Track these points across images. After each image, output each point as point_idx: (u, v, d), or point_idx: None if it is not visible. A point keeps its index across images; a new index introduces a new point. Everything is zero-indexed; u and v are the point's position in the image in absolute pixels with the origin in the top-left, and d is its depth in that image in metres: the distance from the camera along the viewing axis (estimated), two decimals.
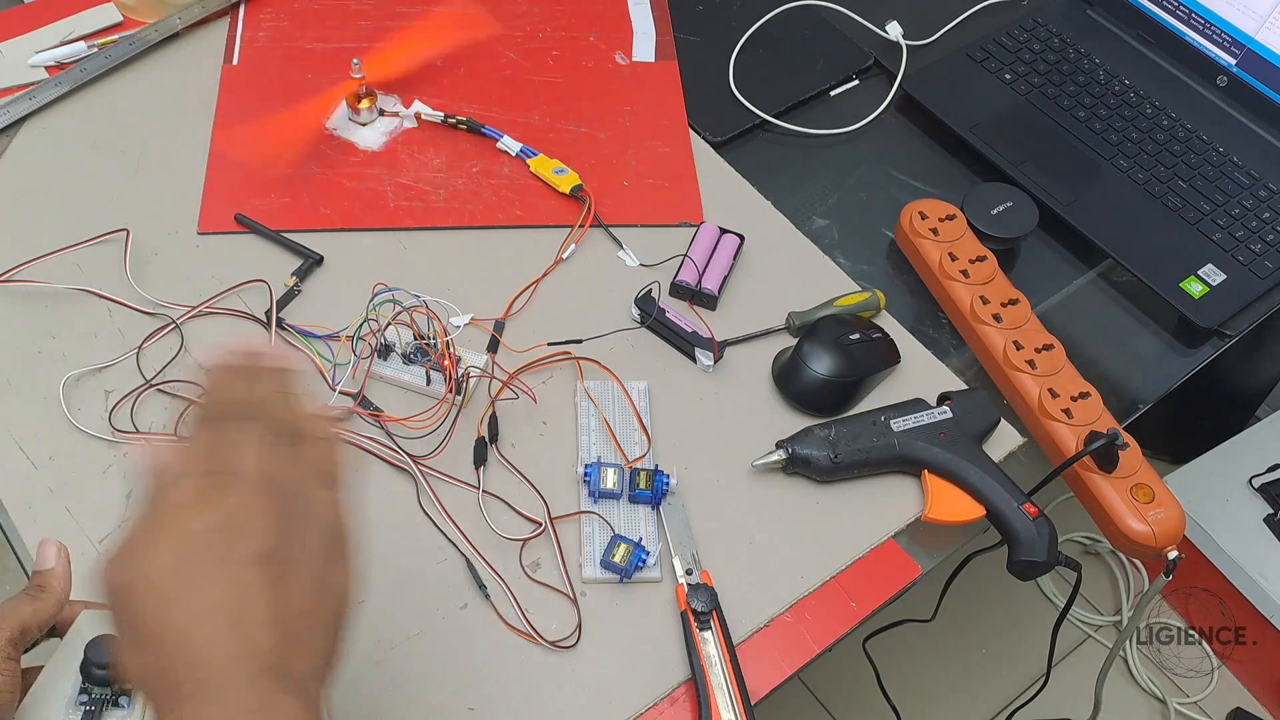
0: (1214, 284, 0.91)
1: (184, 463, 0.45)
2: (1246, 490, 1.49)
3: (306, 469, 0.46)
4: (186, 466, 0.44)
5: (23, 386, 0.79)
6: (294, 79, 1.00)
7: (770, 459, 0.78)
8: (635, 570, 0.72)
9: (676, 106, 1.01)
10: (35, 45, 1.00)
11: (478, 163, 0.95)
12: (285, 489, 0.45)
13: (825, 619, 0.73)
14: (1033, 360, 0.83)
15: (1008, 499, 0.75)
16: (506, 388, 0.80)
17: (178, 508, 0.43)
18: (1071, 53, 1.07)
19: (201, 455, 0.45)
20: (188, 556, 0.42)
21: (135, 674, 0.42)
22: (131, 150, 0.94)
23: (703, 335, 0.84)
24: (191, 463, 0.45)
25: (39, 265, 0.85)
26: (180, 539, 0.42)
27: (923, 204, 0.92)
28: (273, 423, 0.46)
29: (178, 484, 0.44)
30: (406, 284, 0.78)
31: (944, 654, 1.57)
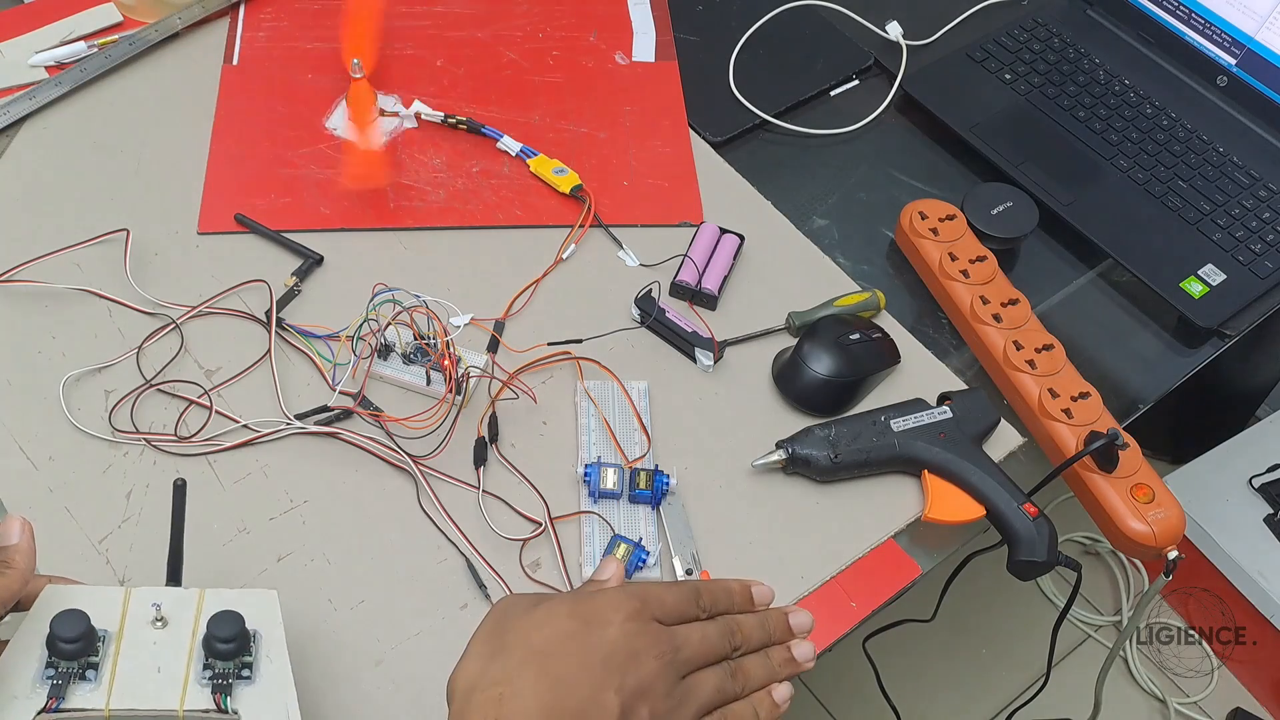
0: (1214, 284, 0.91)
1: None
2: (1246, 490, 1.49)
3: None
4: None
5: (23, 386, 0.79)
6: (294, 79, 1.00)
7: (770, 459, 0.78)
8: (635, 570, 0.72)
9: (676, 106, 1.01)
10: (35, 45, 1.00)
11: (478, 163, 0.95)
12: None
13: (825, 619, 0.73)
14: (1033, 360, 0.83)
15: (1008, 499, 0.75)
16: (506, 388, 0.80)
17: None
18: (1071, 53, 1.07)
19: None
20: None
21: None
22: (131, 150, 0.94)
23: (703, 335, 0.84)
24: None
25: (39, 265, 0.85)
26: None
27: (923, 204, 0.92)
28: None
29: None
30: (406, 284, 0.78)
31: (944, 654, 1.57)
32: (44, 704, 0.52)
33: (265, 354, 0.82)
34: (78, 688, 0.53)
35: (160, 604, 0.56)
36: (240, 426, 0.78)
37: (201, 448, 0.77)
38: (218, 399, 0.79)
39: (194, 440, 0.77)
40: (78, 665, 0.53)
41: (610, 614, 0.54)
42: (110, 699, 0.53)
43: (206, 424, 0.78)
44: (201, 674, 0.54)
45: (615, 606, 0.55)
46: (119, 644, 0.55)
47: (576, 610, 0.55)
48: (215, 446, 0.77)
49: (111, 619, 0.55)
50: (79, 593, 0.57)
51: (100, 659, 0.54)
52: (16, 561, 0.55)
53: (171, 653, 0.55)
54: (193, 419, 0.78)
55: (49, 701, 0.52)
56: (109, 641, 0.55)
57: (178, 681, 0.54)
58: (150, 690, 0.53)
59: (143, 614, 0.56)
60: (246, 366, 0.81)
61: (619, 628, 0.54)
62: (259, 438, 0.77)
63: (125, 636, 0.55)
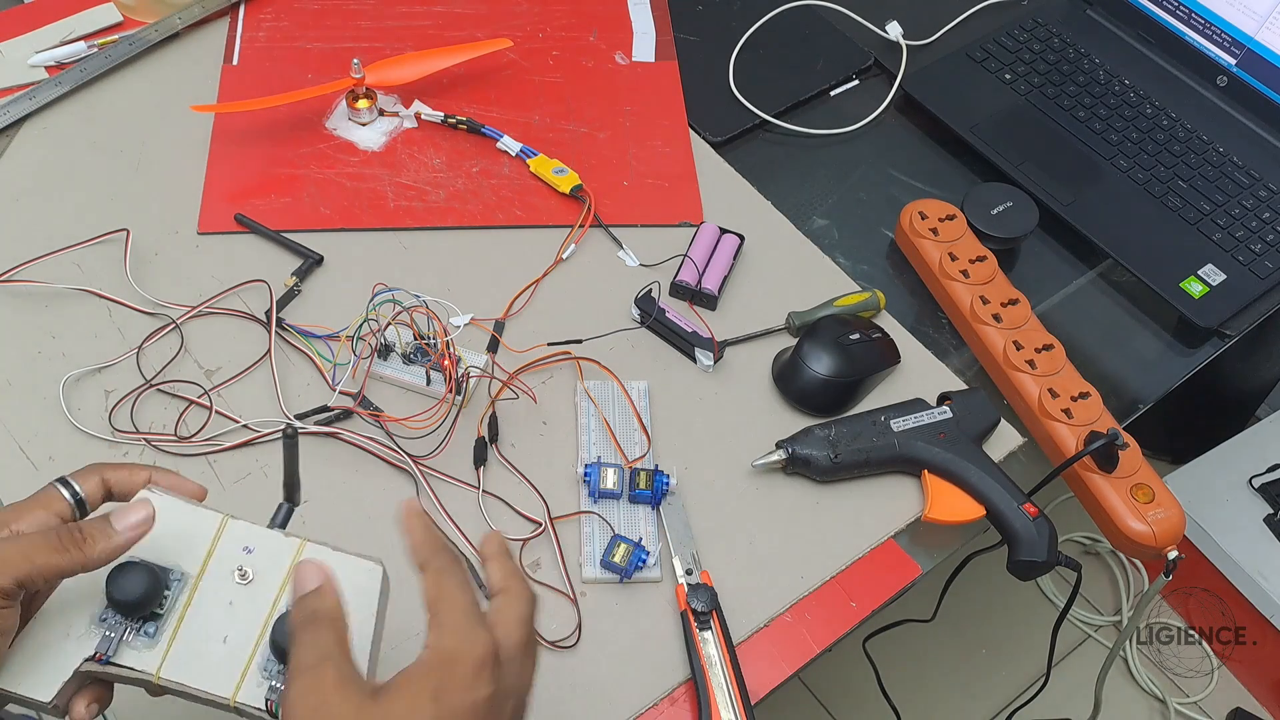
0: (1214, 284, 0.91)
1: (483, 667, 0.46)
2: (1246, 490, 1.49)
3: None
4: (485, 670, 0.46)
5: (23, 386, 0.79)
6: (294, 79, 1.00)
7: (770, 459, 0.78)
8: (635, 570, 0.72)
9: (676, 106, 1.01)
10: (35, 45, 1.00)
11: (478, 163, 0.95)
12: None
13: (825, 619, 0.73)
14: (1033, 360, 0.83)
15: (1008, 499, 0.75)
16: (506, 388, 0.80)
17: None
18: (1071, 53, 1.07)
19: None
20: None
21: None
22: (131, 150, 0.94)
23: (703, 335, 0.84)
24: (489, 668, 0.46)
25: (39, 265, 0.85)
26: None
27: (923, 204, 0.92)
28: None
29: (473, 685, 0.45)
30: (406, 284, 0.78)
31: (944, 654, 1.57)
32: (93, 653, 0.49)
33: (265, 354, 0.82)
34: (133, 641, 0.49)
35: (252, 548, 0.52)
36: (240, 426, 0.78)
37: (201, 448, 0.77)
38: (218, 399, 0.79)
39: (194, 440, 0.77)
40: (137, 620, 0.50)
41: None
42: (163, 665, 0.49)
43: (206, 424, 0.78)
44: (265, 664, 0.49)
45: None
46: (191, 597, 0.50)
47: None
48: (215, 446, 0.77)
49: (195, 554, 0.51)
50: (171, 508, 0.52)
51: (165, 612, 0.50)
52: (97, 547, 0.49)
53: (244, 621, 0.50)
54: (193, 419, 0.78)
55: (96, 654, 0.49)
56: (181, 590, 0.50)
57: (239, 663, 0.49)
58: (208, 666, 0.49)
59: (229, 557, 0.51)
60: (246, 366, 0.81)
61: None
62: (259, 438, 0.77)
63: (201, 589, 0.51)
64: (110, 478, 0.53)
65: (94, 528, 0.49)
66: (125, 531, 0.49)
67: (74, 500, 0.52)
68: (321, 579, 0.48)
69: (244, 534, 0.52)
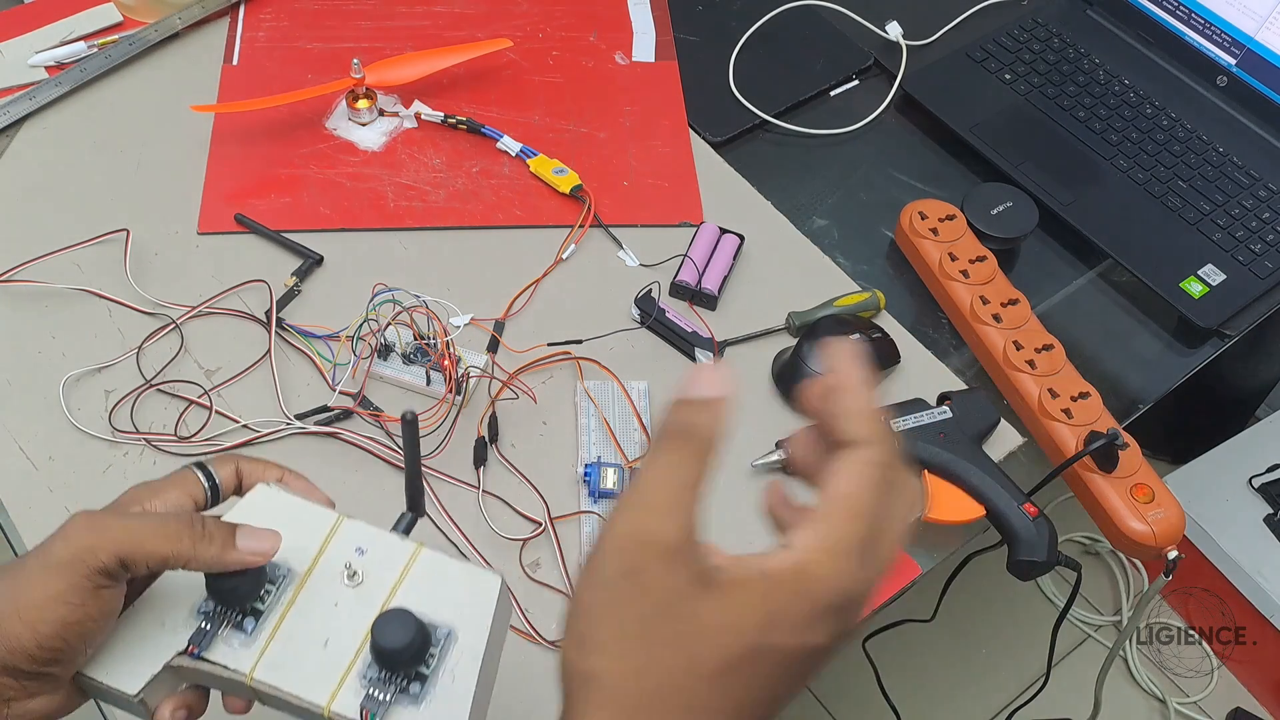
0: (1214, 284, 0.91)
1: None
2: (1246, 490, 1.49)
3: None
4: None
5: (23, 386, 0.79)
6: (294, 79, 1.00)
7: (770, 459, 0.78)
8: None
9: (676, 106, 1.01)
10: (35, 45, 1.00)
11: (478, 163, 0.95)
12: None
13: None
14: (1033, 360, 0.83)
15: (1008, 499, 0.75)
16: (506, 388, 0.80)
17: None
18: (1071, 53, 1.07)
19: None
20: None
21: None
22: (131, 150, 0.94)
23: (703, 335, 0.84)
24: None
25: (39, 265, 0.85)
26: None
27: (923, 204, 0.92)
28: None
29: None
30: (406, 284, 0.78)
31: (944, 654, 1.57)
32: (185, 646, 0.46)
33: (265, 354, 0.82)
34: (229, 637, 0.46)
35: (365, 549, 0.48)
36: (240, 426, 0.78)
37: (201, 448, 0.77)
38: (218, 399, 0.79)
39: (194, 440, 0.77)
40: (235, 614, 0.47)
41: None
42: (258, 665, 0.46)
43: (206, 424, 0.78)
44: (365, 670, 0.45)
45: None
46: (296, 595, 0.47)
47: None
48: (215, 446, 0.77)
49: (306, 552, 0.48)
50: (289, 503, 0.50)
51: (266, 608, 0.47)
52: (214, 547, 0.45)
53: (348, 624, 0.46)
54: (193, 419, 0.78)
55: (189, 646, 0.46)
56: (285, 586, 0.47)
57: (338, 669, 0.45)
58: (305, 670, 0.46)
59: (341, 556, 0.48)
60: (246, 366, 0.81)
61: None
62: (259, 438, 0.77)
63: (307, 587, 0.47)
64: (245, 469, 0.52)
65: (217, 531, 0.46)
66: (244, 552, 0.46)
67: (209, 485, 0.51)
68: (722, 389, 0.38)
69: (359, 534, 0.49)
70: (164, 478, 0.50)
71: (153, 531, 0.45)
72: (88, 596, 0.44)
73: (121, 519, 0.45)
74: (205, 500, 0.51)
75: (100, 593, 0.44)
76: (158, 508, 0.48)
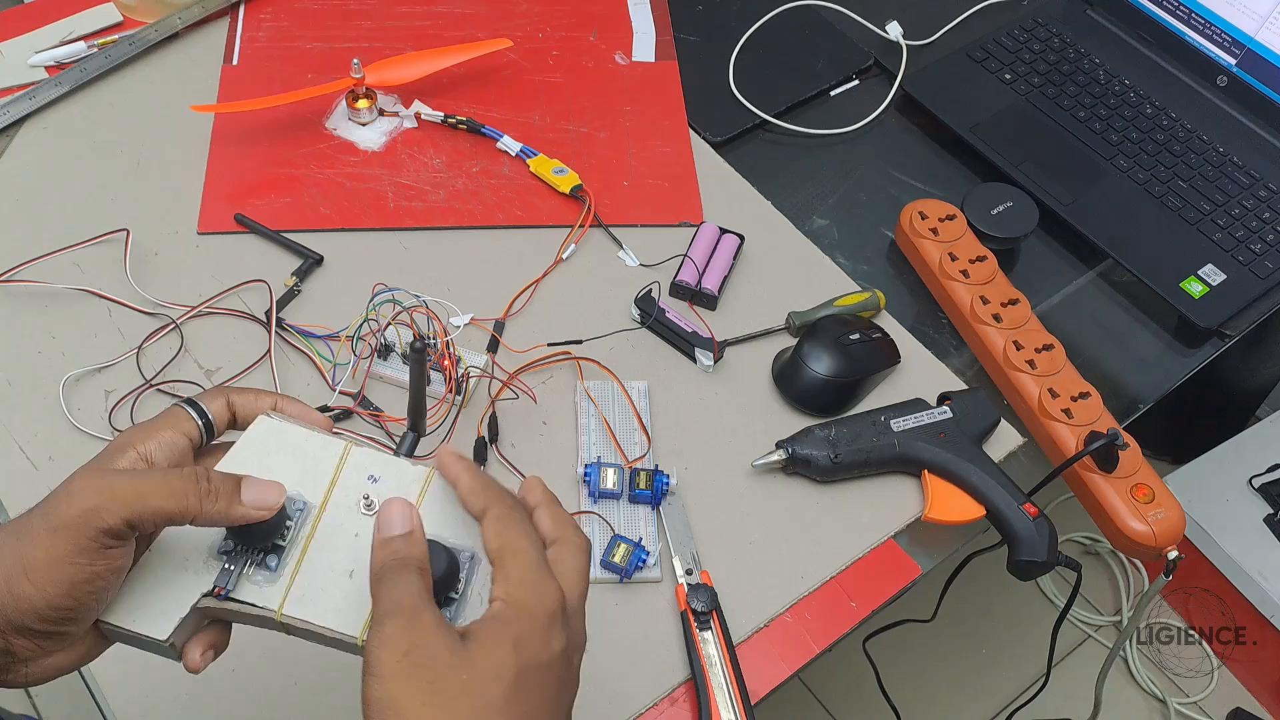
0: (1214, 284, 0.91)
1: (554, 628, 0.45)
2: (1246, 490, 1.49)
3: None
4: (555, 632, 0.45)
5: (23, 386, 0.79)
6: (294, 79, 1.00)
7: (770, 459, 0.78)
8: (635, 570, 0.72)
9: (676, 106, 1.01)
10: (35, 45, 1.00)
11: (478, 163, 0.95)
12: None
13: (825, 619, 0.73)
14: (1033, 360, 0.83)
15: (1008, 499, 0.75)
16: (506, 388, 0.80)
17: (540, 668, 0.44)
18: (1071, 53, 1.07)
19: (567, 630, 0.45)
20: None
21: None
22: (131, 150, 0.94)
23: (703, 335, 0.84)
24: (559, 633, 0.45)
25: (39, 265, 0.85)
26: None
27: (923, 204, 0.92)
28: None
29: (547, 638, 0.44)
30: (406, 284, 0.78)
31: (944, 654, 1.57)
32: (211, 588, 0.46)
33: (265, 354, 0.82)
34: (254, 575, 0.46)
35: (378, 477, 0.49)
36: None
37: None
38: None
39: None
40: (257, 552, 0.47)
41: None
42: (285, 601, 0.46)
43: None
44: None
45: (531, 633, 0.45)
46: (315, 528, 0.47)
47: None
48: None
49: (318, 484, 0.48)
50: (294, 435, 0.49)
51: (287, 544, 0.47)
52: (223, 504, 0.46)
53: (370, 553, 0.46)
54: None
55: (215, 588, 0.46)
56: (303, 520, 0.47)
57: (367, 599, 0.45)
58: (333, 602, 0.46)
59: (354, 486, 0.48)
60: (246, 366, 0.81)
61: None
62: None
63: (324, 520, 0.47)
64: (236, 401, 0.51)
65: (221, 486, 0.46)
66: (250, 507, 0.46)
67: (202, 423, 0.50)
68: (410, 523, 0.46)
69: (369, 461, 0.49)
70: (155, 418, 0.49)
71: (158, 489, 0.44)
72: (96, 557, 0.43)
73: (126, 478, 0.45)
74: (200, 437, 0.50)
75: (108, 552, 0.44)
76: (153, 450, 0.48)
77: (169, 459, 0.48)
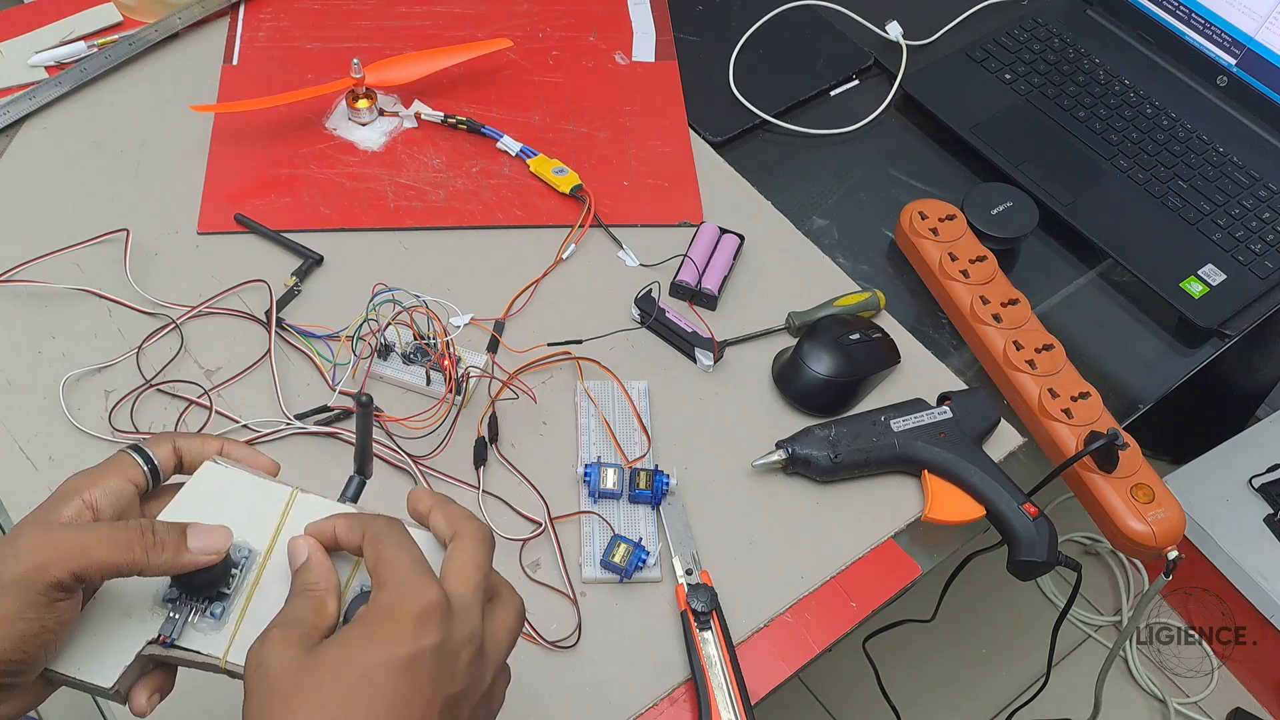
0: (1214, 284, 0.91)
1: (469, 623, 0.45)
2: (1246, 490, 1.49)
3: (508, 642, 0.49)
4: (469, 627, 0.45)
5: (23, 386, 0.79)
6: (294, 79, 1.00)
7: (770, 459, 0.78)
8: (635, 570, 0.72)
9: (676, 106, 1.01)
10: (35, 45, 1.00)
11: (478, 163, 0.95)
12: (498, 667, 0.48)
13: (825, 619, 0.73)
14: (1033, 360, 0.83)
15: (1008, 499, 0.75)
16: (506, 388, 0.80)
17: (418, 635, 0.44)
18: (1071, 53, 1.07)
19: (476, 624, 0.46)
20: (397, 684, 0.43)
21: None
22: (131, 150, 0.94)
23: (703, 335, 0.84)
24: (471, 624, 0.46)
25: (39, 265, 0.85)
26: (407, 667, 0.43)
27: (923, 204, 0.92)
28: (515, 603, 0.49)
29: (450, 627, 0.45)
30: (406, 284, 0.78)
31: (944, 654, 1.57)
32: (156, 635, 0.47)
33: (265, 354, 0.82)
34: (199, 623, 0.47)
35: None
36: (240, 426, 0.78)
37: None
38: (218, 399, 0.79)
39: None
40: (202, 599, 0.47)
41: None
42: (231, 649, 0.47)
43: (206, 424, 0.78)
44: None
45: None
46: (260, 575, 0.48)
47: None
48: None
49: (264, 531, 0.49)
50: (239, 481, 0.50)
51: (232, 591, 0.47)
52: (169, 554, 0.46)
53: None
54: (193, 419, 0.78)
55: (160, 636, 0.47)
56: (249, 567, 0.48)
57: None
58: None
59: (299, 530, 0.49)
60: (246, 366, 0.81)
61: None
62: (259, 438, 0.77)
63: (269, 567, 0.48)
64: (182, 446, 0.52)
65: (167, 536, 0.46)
66: (198, 554, 0.47)
67: (148, 469, 0.50)
68: (308, 553, 0.47)
69: (315, 508, 0.50)
70: (100, 465, 0.50)
71: (104, 543, 0.45)
72: (44, 611, 0.44)
73: (73, 532, 0.45)
74: (145, 483, 0.50)
75: (56, 605, 0.44)
76: (99, 498, 0.48)
77: (114, 506, 0.48)
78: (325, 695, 0.42)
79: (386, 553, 0.46)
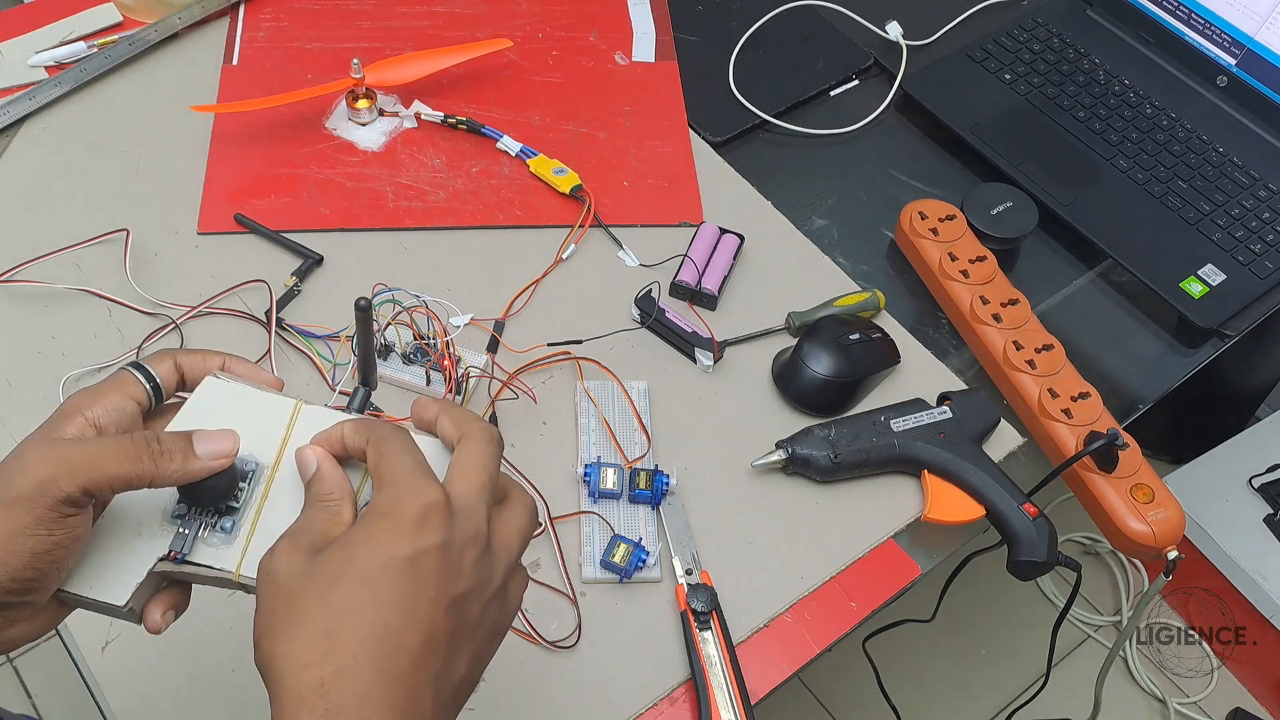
0: (1214, 284, 0.91)
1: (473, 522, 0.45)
2: (1246, 490, 1.49)
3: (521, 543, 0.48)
4: (474, 526, 0.45)
5: (23, 386, 0.79)
6: (294, 79, 1.00)
7: (770, 459, 0.78)
8: (635, 570, 0.72)
9: (676, 106, 1.01)
10: (35, 45, 1.00)
11: (478, 163, 0.95)
12: (511, 566, 0.47)
13: (825, 619, 0.73)
14: (1033, 360, 0.83)
15: (1008, 499, 0.75)
16: (506, 388, 0.80)
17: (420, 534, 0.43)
18: (1071, 53, 1.07)
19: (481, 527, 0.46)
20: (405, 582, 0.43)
21: (269, 658, 0.42)
22: (131, 150, 0.94)
23: (703, 335, 0.84)
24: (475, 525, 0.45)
25: (39, 265, 0.85)
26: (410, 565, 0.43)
27: (923, 204, 0.92)
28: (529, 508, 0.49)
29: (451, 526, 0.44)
30: (406, 284, 0.78)
31: (944, 654, 1.57)
32: (167, 551, 0.46)
33: (265, 354, 0.82)
34: (209, 537, 0.47)
35: None
36: None
37: None
38: None
39: None
40: (211, 513, 0.47)
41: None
42: (243, 561, 0.46)
43: None
44: None
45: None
46: (268, 488, 0.48)
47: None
48: None
49: (269, 443, 0.48)
50: (242, 395, 0.49)
51: (241, 505, 0.47)
52: (176, 463, 0.46)
53: None
54: None
55: (170, 552, 0.46)
56: (256, 480, 0.48)
57: None
58: None
59: (305, 442, 0.48)
60: None
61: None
62: None
63: (277, 480, 0.48)
64: (184, 363, 0.51)
65: (174, 445, 0.46)
66: (205, 459, 0.46)
67: (150, 387, 0.49)
68: (317, 463, 0.47)
69: (319, 419, 0.49)
70: (102, 382, 0.49)
71: (111, 455, 0.44)
72: (55, 526, 0.43)
73: (79, 446, 0.45)
74: (148, 401, 0.50)
75: (67, 521, 0.44)
76: (101, 415, 0.47)
77: (117, 424, 0.48)
78: (329, 597, 0.42)
79: (389, 454, 0.46)
